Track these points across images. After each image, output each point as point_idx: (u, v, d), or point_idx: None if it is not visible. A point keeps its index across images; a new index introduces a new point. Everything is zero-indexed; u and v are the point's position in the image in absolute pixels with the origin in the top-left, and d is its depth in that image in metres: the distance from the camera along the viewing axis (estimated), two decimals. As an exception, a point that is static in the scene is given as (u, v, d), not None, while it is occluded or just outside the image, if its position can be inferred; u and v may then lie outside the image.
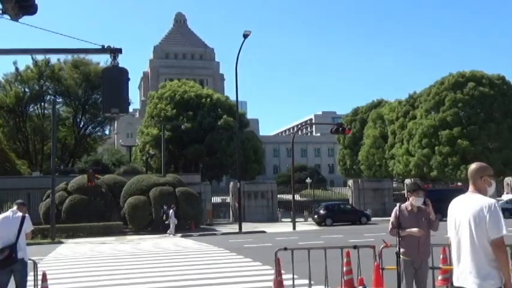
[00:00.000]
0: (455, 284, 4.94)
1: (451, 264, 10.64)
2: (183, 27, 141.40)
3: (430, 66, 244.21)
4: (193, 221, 38.27)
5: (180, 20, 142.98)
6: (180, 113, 67.15)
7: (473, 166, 5.02)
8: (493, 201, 4.66)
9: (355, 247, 10.36)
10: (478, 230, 4.62)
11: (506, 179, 53.71)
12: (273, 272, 11.07)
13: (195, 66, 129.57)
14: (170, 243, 28.10)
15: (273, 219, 46.81)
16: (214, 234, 34.94)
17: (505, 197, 46.84)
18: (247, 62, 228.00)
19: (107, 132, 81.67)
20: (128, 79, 9.65)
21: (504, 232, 4.53)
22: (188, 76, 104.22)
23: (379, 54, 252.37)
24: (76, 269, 17.19)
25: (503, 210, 48.43)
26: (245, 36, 36.13)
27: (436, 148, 63.56)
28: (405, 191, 8.39)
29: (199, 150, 65.32)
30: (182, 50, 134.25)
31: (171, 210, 35.39)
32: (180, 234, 34.09)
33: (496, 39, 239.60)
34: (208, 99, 69.66)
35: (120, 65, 9.62)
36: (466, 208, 4.81)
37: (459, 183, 59.60)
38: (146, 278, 14.39)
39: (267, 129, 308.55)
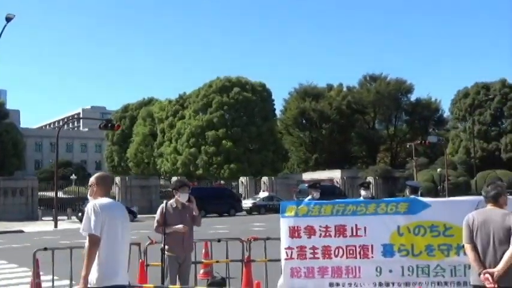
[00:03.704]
0: None
1: (212, 258, 11.17)
2: None
3: (200, 69, 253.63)
4: None
5: None
6: None
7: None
8: (91, 203, 5.23)
9: (120, 245, 10.25)
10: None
11: (263, 178, 58.28)
12: (30, 274, 10.37)
13: None
14: None
15: (32, 217, 43.83)
16: (-38, 235, 31.42)
17: (261, 194, 50.70)
18: (9, 48, 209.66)
19: None
20: None
21: (91, 231, 5.04)
22: None
23: (149, 51, 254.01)
24: None
25: (260, 206, 51.64)
26: (8, 19, 33.22)
27: (203, 148, 66.21)
28: (171, 188, 8.58)
29: None
30: None
31: None
32: None
33: (260, 47, 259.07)
34: (-39, 85, 62.41)
35: None
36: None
37: (222, 182, 63.08)
38: None
39: (30, 121, 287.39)
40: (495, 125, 75.59)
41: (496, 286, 4.99)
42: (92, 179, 5.45)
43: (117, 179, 52.27)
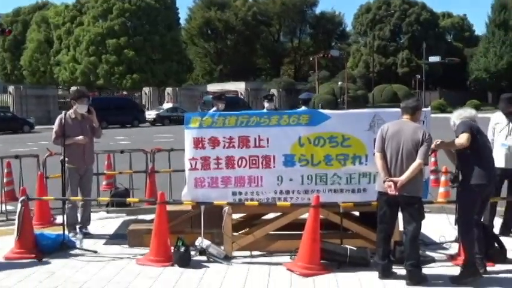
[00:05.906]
0: None
1: (115, 170, 11.07)
2: None
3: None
4: None
5: None
6: None
7: None
8: None
9: (16, 157, 9.88)
10: None
11: (167, 89, 57.46)
12: None
13: None
14: None
15: None
16: None
17: (166, 105, 50.23)
18: None
19: None
20: None
21: None
22: None
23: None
24: None
25: (164, 117, 51.40)
26: None
27: (103, 56, 63.80)
28: (70, 99, 8.26)
29: None
30: None
31: None
32: None
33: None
34: None
35: None
36: None
37: (124, 92, 61.62)
38: None
39: None
40: (393, 41, 78.40)
41: (397, 193, 5.36)
42: None
43: (11, 88, 49.56)
